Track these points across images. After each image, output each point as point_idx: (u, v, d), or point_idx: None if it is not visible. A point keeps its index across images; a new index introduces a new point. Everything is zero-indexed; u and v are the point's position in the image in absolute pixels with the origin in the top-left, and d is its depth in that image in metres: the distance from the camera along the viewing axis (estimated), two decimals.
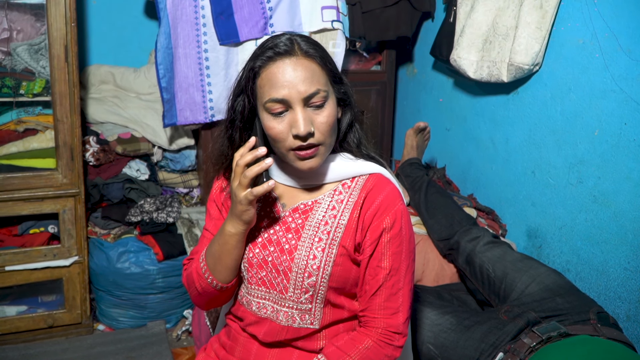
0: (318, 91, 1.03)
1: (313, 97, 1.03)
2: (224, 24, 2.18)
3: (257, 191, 1.03)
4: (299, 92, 1.02)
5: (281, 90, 1.02)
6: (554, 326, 1.34)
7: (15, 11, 2.11)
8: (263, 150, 1.03)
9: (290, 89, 1.02)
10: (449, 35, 2.19)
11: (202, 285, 1.15)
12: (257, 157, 1.03)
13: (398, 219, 1.09)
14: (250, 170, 1.02)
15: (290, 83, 1.02)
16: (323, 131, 1.05)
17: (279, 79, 1.03)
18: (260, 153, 1.03)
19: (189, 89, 2.21)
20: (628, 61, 1.53)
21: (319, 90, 1.04)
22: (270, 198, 1.17)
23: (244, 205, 1.05)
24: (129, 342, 2.25)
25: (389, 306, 1.09)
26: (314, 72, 1.04)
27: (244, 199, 1.04)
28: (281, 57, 1.04)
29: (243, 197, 1.04)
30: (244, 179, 1.03)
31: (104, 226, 2.36)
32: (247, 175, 1.02)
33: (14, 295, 2.30)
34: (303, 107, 1.03)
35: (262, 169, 1.02)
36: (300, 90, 1.02)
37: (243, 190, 1.04)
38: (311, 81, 1.03)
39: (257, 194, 1.03)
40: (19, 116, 2.23)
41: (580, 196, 1.71)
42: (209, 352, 1.26)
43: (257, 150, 1.03)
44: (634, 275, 1.52)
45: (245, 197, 1.04)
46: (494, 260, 1.66)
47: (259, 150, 1.03)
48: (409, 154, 2.19)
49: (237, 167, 1.04)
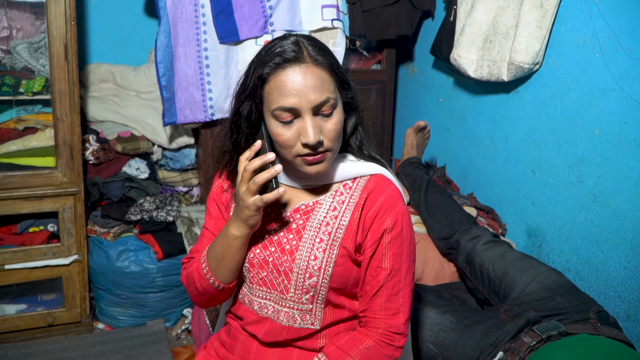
0: (328, 100, 1.02)
1: (323, 105, 1.02)
2: (224, 23, 2.18)
3: (268, 198, 1.02)
4: (308, 101, 1.01)
5: (290, 99, 1.01)
6: (554, 325, 1.34)
7: (15, 9, 2.11)
8: (272, 156, 1.02)
9: (299, 97, 1.01)
10: (449, 34, 2.19)
11: (203, 286, 1.15)
12: (266, 163, 1.02)
13: (399, 220, 1.09)
14: (260, 177, 1.01)
15: (300, 92, 1.01)
16: (331, 138, 1.04)
17: (288, 87, 1.01)
18: (269, 159, 1.02)
19: (188, 87, 2.21)
20: (628, 60, 1.53)
21: (329, 98, 1.02)
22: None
23: (252, 210, 1.04)
24: (129, 340, 2.25)
25: (389, 307, 1.09)
26: (323, 81, 1.02)
27: (253, 204, 1.03)
28: (290, 64, 1.02)
29: (251, 203, 1.03)
30: (253, 185, 1.02)
31: (103, 225, 2.36)
32: (256, 182, 1.01)
33: (14, 294, 2.30)
34: (312, 116, 1.02)
35: (271, 176, 1.01)
36: (310, 100, 1.01)
37: (251, 196, 1.03)
38: (321, 90, 1.02)
39: (267, 201, 1.03)
40: (18, 114, 2.23)
41: (580, 195, 1.71)
42: (209, 350, 1.26)
43: (266, 156, 1.02)
44: (634, 274, 1.52)
45: (254, 204, 1.03)
46: (494, 260, 1.66)
47: (267, 156, 1.02)
48: (409, 153, 2.19)
49: (244, 173, 1.03)
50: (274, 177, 1.02)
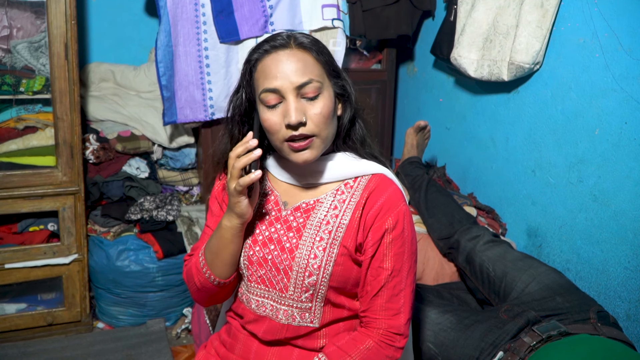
0: (310, 81, 1.04)
1: (304, 86, 1.04)
2: (224, 22, 2.18)
3: (243, 181, 1.03)
4: (291, 82, 1.03)
5: (274, 81, 1.04)
6: (554, 325, 1.34)
7: (16, 9, 2.11)
8: (254, 142, 1.03)
9: (283, 79, 1.03)
10: (449, 33, 2.19)
11: (201, 281, 1.15)
12: (248, 149, 1.03)
13: (400, 220, 1.09)
14: (239, 162, 1.02)
15: (283, 73, 1.03)
16: (317, 122, 1.05)
17: (272, 70, 1.04)
18: (251, 145, 1.03)
19: (189, 87, 2.21)
20: (629, 60, 1.53)
21: (312, 80, 1.04)
22: (272, 196, 1.17)
23: (235, 196, 1.05)
24: (129, 340, 2.25)
25: (390, 307, 1.09)
26: (306, 63, 1.05)
27: (233, 190, 1.04)
28: (276, 49, 1.05)
29: (232, 189, 1.04)
30: (234, 171, 1.03)
31: (103, 224, 2.36)
32: (235, 167, 1.03)
33: (14, 293, 2.30)
34: (296, 97, 1.04)
35: (250, 160, 1.02)
36: (292, 80, 1.03)
37: (234, 181, 1.04)
38: (303, 71, 1.04)
39: (243, 184, 1.03)
40: (18, 114, 2.23)
41: (580, 195, 1.71)
42: (209, 350, 1.26)
43: (249, 142, 1.03)
44: (634, 274, 1.52)
45: (234, 188, 1.04)
46: (494, 259, 1.66)
47: (250, 142, 1.03)
48: (409, 153, 2.19)
49: (229, 160, 1.05)
50: (254, 161, 1.03)
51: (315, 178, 1.15)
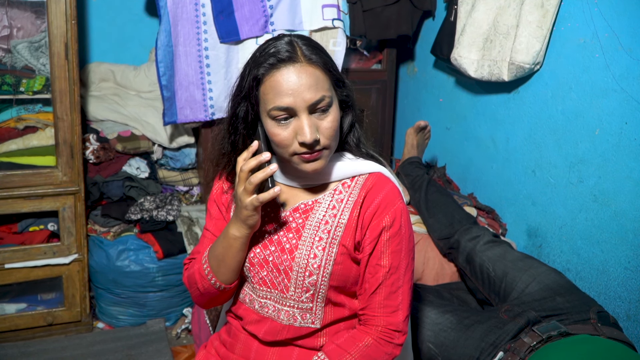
0: (323, 98, 1.03)
1: (318, 104, 1.03)
2: (224, 22, 2.18)
3: (264, 197, 1.03)
4: (304, 100, 1.01)
5: (286, 99, 1.01)
6: (554, 325, 1.34)
7: (16, 8, 2.11)
8: (267, 155, 1.03)
9: (295, 97, 1.01)
10: (449, 34, 2.18)
11: (205, 286, 1.15)
12: (262, 163, 1.03)
13: (397, 218, 1.09)
14: (255, 177, 1.02)
15: (295, 91, 1.01)
16: (328, 136, 1.05)
17: (283, 87, 1.02)
18: (264, 159, 1.02)
19: (189, 87, 2.21)
20: (629, 60, 1.53)
21: (324, 97, 1.03)
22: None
23: (249, 210, 1.05)
24: (129, 340, 2.25)
25: (388, 304, 1.09)
26: (318, 79, 1.03)
27: (250, 204, 1.04)
28: (284, 64, 1.02)
29: (249, 203, 1.04)
30: (249, 185, 1.03)
31: (103, 224, 2.36)
32: (252, 182, 1.02)
33: (14, 293, 2.30)
34: (308, 115, 1.03)
35: (267, 175, 1.02)
36: (305, 98, 1.01)
37: (248, 196, 1.04)
38: (316, 88, 1.02)
39: (263, 201, 1.03)
40: (19, 114, 2.23)
41: (580, 195, 1.71)
42: (209, 350, 1.26)
43: (261, 155, 1.03)
44: (634, 274, 1.52)
45: (250, 203, 1.04)
46: (494, 260, 1.66)
47: (262, 156, 1.02)
48: (409, 153, 2.19)
49: (241, 173, 1.04)
50: (270, 176, 1.03)
51: (313, 179, 1.15)
